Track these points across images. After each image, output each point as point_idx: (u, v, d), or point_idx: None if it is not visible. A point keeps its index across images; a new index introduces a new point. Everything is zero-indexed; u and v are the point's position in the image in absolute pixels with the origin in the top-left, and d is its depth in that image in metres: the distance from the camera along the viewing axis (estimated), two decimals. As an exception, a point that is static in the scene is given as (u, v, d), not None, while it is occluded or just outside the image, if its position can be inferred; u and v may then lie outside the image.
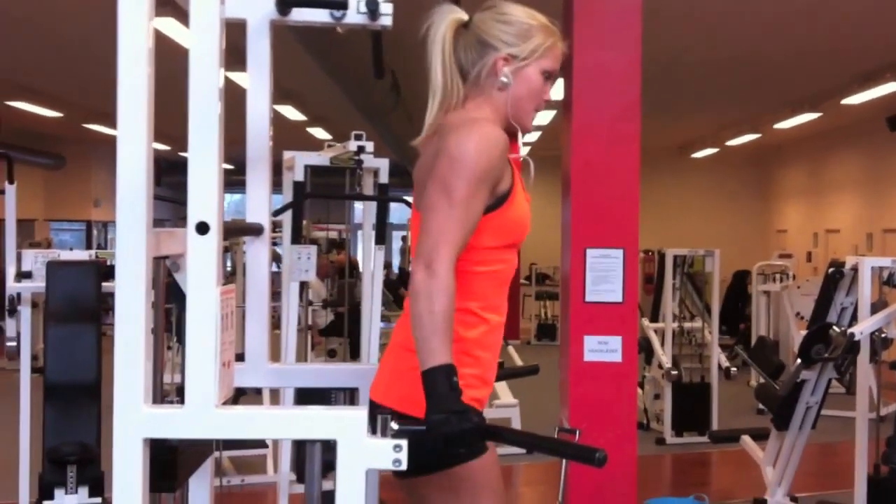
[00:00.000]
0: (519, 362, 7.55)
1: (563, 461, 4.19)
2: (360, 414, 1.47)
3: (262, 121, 2.03)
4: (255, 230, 2.00)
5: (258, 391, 5.95)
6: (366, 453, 1.46)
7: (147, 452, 1.46)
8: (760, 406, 8.24)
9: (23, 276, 4.63)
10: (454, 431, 1.64)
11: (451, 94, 1.99)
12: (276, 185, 2.97)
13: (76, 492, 3.84)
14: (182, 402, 1.47)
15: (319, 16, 1.97)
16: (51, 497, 3.87)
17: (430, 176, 1.91)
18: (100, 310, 4.23)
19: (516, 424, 6.96)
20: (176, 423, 1.47)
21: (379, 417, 1.52)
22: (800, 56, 8.70)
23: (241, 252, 6.95)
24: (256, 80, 2.02)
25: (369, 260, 5.05)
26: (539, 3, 2.12)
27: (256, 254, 2.05)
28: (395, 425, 1.53)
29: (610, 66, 4.18)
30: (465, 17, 2.02)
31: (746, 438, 5.83)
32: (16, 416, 4.65)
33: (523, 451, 6.69)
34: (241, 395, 5.75)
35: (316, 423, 1.48)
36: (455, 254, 1.83)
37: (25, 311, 4.66)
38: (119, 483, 1.45)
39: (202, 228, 1.46)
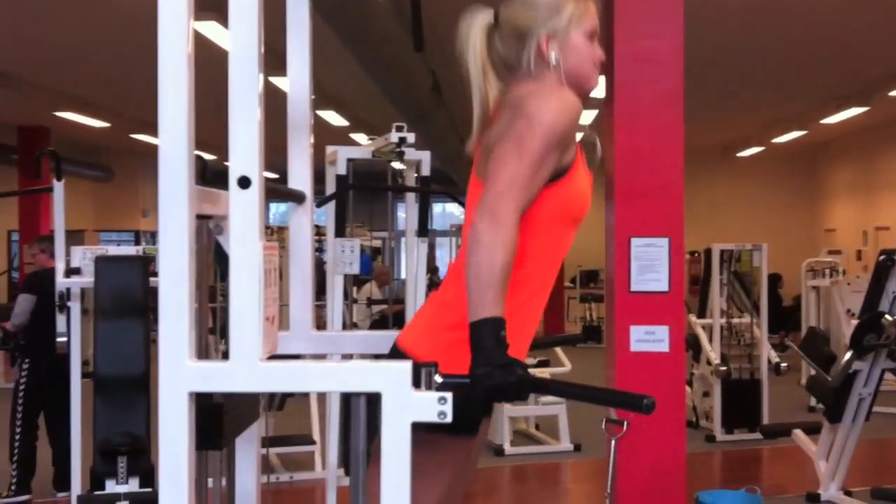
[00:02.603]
0: (566, 363, 7.48)
1: (611, 457, 4.16)
2: (405, 366, 1.45)
3: (302, 89, 2.03)
4: (298, 196, 2.00)
5: (305, 394, 5.98)
6: (411, 406, 1.44)
7: (192, 407, 1.46)
8: (812, 403, 8.10)
9: (72, 272, 4.72)
10: (499, 385, 1.63)
11: (488, 96, 1.96)
12: (319, 184, 2.97)
13: (126, 482, 3.89)
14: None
15: (358, -20, 1.97)
16: (101, 488, 3.92)
17: (503, 136, 1.87)
18: (148, 304, 4.29)
19: (563, 421, 6.93)
20: (221, 377, 1.47)
21: (423, 370, 1.51)
22: (846, 47, 8.56)
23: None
24: (295, 49, 2.03)
25: (412, 256, 5.05)
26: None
27: (299, 222, 2.05)
28: (439, 378, 1.52)
29: (652, 53, 4.15)
30: (492, 17, 2.00)
31: (798, 432, 5.74)
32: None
33: (570, 447, 6.74)
34: (287, 397, 5.82)
35: (360, 375, 1.46)
36: (521, 208, 1.80)
37: (75, 307, 4.74)
38: (166, 439, 1.44)
39: (244, 182, 1.46)
